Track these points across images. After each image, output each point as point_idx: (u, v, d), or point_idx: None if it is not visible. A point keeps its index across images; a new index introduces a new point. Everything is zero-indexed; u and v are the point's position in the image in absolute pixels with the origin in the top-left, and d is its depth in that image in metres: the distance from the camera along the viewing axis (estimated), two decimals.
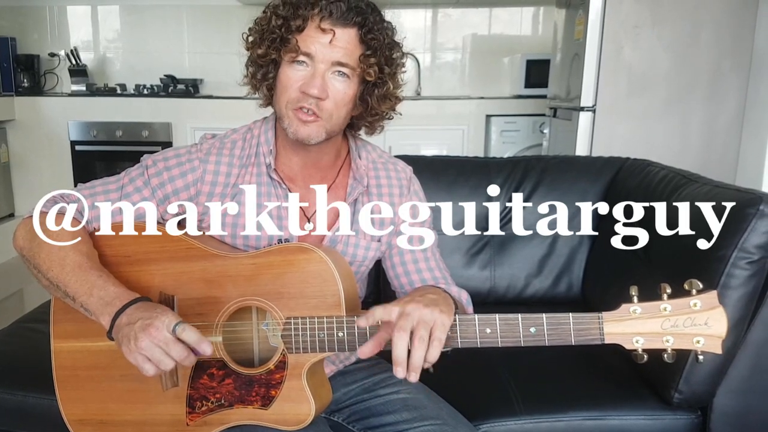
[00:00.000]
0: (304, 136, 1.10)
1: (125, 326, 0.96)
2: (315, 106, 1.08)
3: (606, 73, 2.89)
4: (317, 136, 1.10)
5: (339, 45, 1.07)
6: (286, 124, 1.11)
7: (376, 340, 0.99)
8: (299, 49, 1.07)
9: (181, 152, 1.18)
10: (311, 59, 1.07)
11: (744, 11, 2.79)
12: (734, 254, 1.26)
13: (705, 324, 0.91)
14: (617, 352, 0.98)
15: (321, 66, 1.07)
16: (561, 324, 0.96)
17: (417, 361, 0.92)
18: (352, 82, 1.10)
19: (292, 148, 1.18)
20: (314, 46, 1.06)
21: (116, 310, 0.98)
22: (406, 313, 0.94)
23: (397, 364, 0.92)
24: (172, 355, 0.94)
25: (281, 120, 1.12)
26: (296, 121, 1.09)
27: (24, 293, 3.53)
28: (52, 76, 4.64)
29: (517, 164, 1.94)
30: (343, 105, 1.11)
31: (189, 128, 4.14)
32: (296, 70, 1.08)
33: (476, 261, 1.88)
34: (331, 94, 1.08)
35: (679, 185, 1.54)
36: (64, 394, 1.14)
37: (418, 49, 4.74)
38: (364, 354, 0.99)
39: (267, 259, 1.06)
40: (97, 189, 1.16)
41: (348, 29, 1.07)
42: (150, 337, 0.93)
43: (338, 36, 1.06)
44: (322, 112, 1.09)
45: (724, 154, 2.89)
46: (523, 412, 1.34)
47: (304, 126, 1.09)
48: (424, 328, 0.93)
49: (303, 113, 1.08)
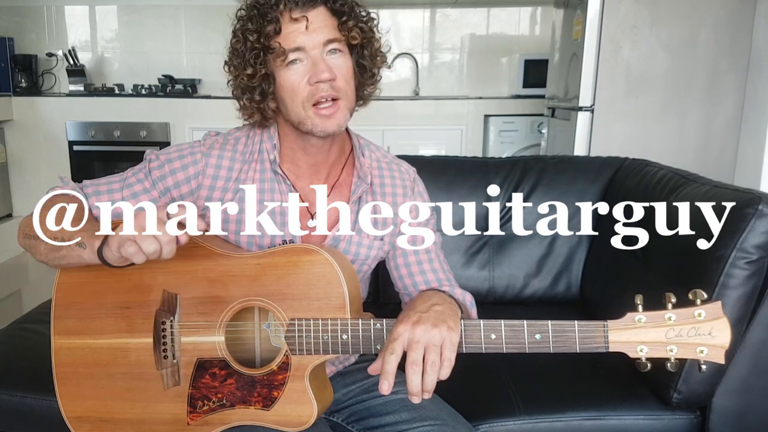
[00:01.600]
0: (334, 128, 1.10)
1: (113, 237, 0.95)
2: (331, 90, 1.08)
3: (604, 73, 2.89)
4: (344, 120, 1.11)
5: (317, 26, 1.07)
6: (310, 126, 1.10)
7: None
8: (286, 49, 1.07)
9: (184, 147, 1.20)
10: (303, 52, 1.08)
11: (742, 11, 2.79)
12: (733, 254, 1.26)
13: (709, 334, 0.92)
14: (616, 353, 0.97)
15: (315, 52, 1.08)
16: (566, 331, 0.96)
17: (430, 385, 0.93)
18: (344, 54, 1.11)
19: (301, 148, 1.18)
20: (299, 38, 1.07)
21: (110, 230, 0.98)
22: (416, 341, 0.95)
23: (412, 395, 0.93)
24: (155, 234, 0.92)
25: (302, 124, 1.11)
26: (320, 119, 1.09)
27: (22, 294, 3.53)
28: (49, 76, 4.64)
29: (515, 164, 1.94)
30: (350, 78, 1.12)
31: (187, 128, 4.14)
32: (294, 71, 1.08)
33: (475, 261, 1.88)
34: (338, 72, 1.09)
35: (677, 185, 1.54)
36: (63, 391, 1.14)
37: (416, 49, 4.75)
38: (373, 371, 1.00)
39: (271, 259, 1.06)
40: (100, 181, 1.19)
41: (317, 8, 1.08)
42: (137, 218, 0.92)
43: (311, 19, 1.07)
44: (340, 92, 1.09)
45: (722, 154, 2.90)
46: (522, 413, 1.35)
47: (329, 119, 1.09)
48: (435, 352, 0.94)
49: (323, 108, 1.08)
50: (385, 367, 0.94)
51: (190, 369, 1.07)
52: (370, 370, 1.00)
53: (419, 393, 0.94)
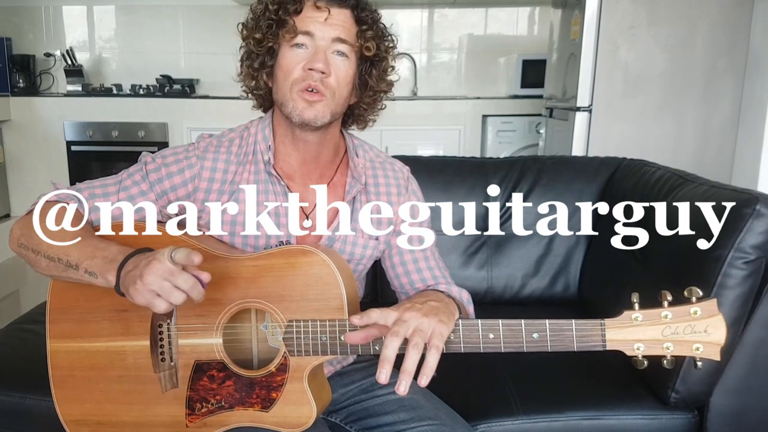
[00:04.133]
0: (311, 117, 1.10)
1: (130, 272, 0.95)
2: (320, 83, 1.09)
3: (602, 74, 2.90)
4: (323, 116, 1.11)
5: (336, 22, 1.09)
6: (290, 108, 1.11)
7: (366, 332, 1.00)
8: (297, 30, 1.08)
9: (179, 150, 1.19)
10: (311, 38, 1.09)
11: (739, 12, 2.80)
12: (731, 254, 1.26)
13: (704, 331, 0.93)
14: (614, 353, 0.98)
15: (322, 43, 1.09)
16: (564, 330, 0.97)
17: (408, 366, 0.91)
18: (351, 61, 1.12)
19: (292, 143, 1.18)
20: (313, 25, 1.08)
21: (120, 261, 0.98)
22: (403, 320, 0.95)
23: (382, 365, 0.91)
24: (179, 285, 0.91)
25: (284, 105, 1.12)
26: (302, 103, 1.10)
27: (20, 294, 3.52)
28: (47, 76, 4.63)
29: (514, 164, 1.95)
30: (345, 84, 1.12)
31: (185, 128, 4.13)
32: (296, 53, 1.10)
33: (473, 261, 1.88)
34: (334, 71, 1.10)
35: (675, 185, 1.55)
36: (60, 395, 1.13)
37: (415, 50, 4.75)
38: (349, 339, 1.00)
39: (269, 261, 1.06)
40: (95, 183, 1.18)
41: (343, 9, 1.10)
42: (154, 271, 0.91)
43: (334, 14, 1.09)
44: (327, 89, 1.10)
45: (720, 154, 2.90)
46: (520, 412, 1.35)
47: (310, 107, 1.10)
48: (421, 337, 0.93)
49: (308, 93, 1.09)
50: (384, 351, 0.92)
51: (188, 371, 1.07)
52: (345, 337, 0.99)
53: (389, 363, 0.91)
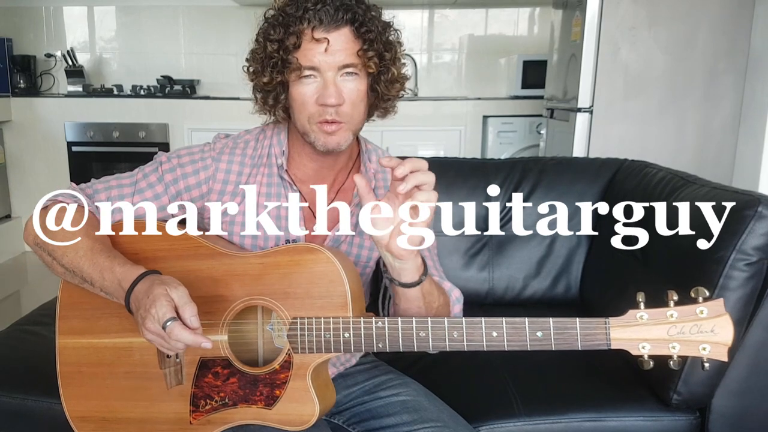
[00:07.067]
0: (334, 145, 1.12)
1: (135, 312, 0.99)
2: (336, 114, 1.09)
3: (603, 74, 2.90)
4: (346, 141, 1.12)
5: (337, 48, 1.07)
6: (312, 139, 1.12)
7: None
8: (302, 66, 1.07)
9: (194, 150, 1.20)
10: (317, 71, 1.08)
11: (740, 13, 2.80)
12: (732, 256, 1.26)
13: (711, 331, 0.91)
14: (616, 354, 0.98)
15: (329, 74, 1.08)
16: (568, 328, 0.96)
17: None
18: (360, 77, 1.11)
19: (309, 156, 1.19)
20: (316, 59, 1.07)
21: (125, 294, 1.02)
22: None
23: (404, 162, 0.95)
24: (171, 348, 0.97)
25: (306, 135, 1.13)
26: (322, 135, 1.11)
27: (21, 295, 3.52)
28: (48, 77, 4.63)
29: (514, 165, 1.94)
30: (359, 102, 1.12)
31: (186, 129, 4.13)
32: (307, 85, 1.09)
33: (475, 262, 1.88)
34: (346, 96, 1.09)
35: (677, 187, 1.55)
36: (67, 391, 1.15)
37: (415, 50, 4.75)
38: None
39: (274, 258, 1.06)
40: (111, 183, 1.19)
41: (341, 30, 1.08)
42: (148, 330, 0.96)
43: (333, 41, 1.07)
44: (344, 117, 1.10)
45: (721, 156, 2.90)
46: (522, 414, 1.35)
47: (331, 137, 1.11)
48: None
49: (327, 124, 1.10)
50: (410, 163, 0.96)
51: (193, 368, 1.08)
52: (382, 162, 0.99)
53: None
